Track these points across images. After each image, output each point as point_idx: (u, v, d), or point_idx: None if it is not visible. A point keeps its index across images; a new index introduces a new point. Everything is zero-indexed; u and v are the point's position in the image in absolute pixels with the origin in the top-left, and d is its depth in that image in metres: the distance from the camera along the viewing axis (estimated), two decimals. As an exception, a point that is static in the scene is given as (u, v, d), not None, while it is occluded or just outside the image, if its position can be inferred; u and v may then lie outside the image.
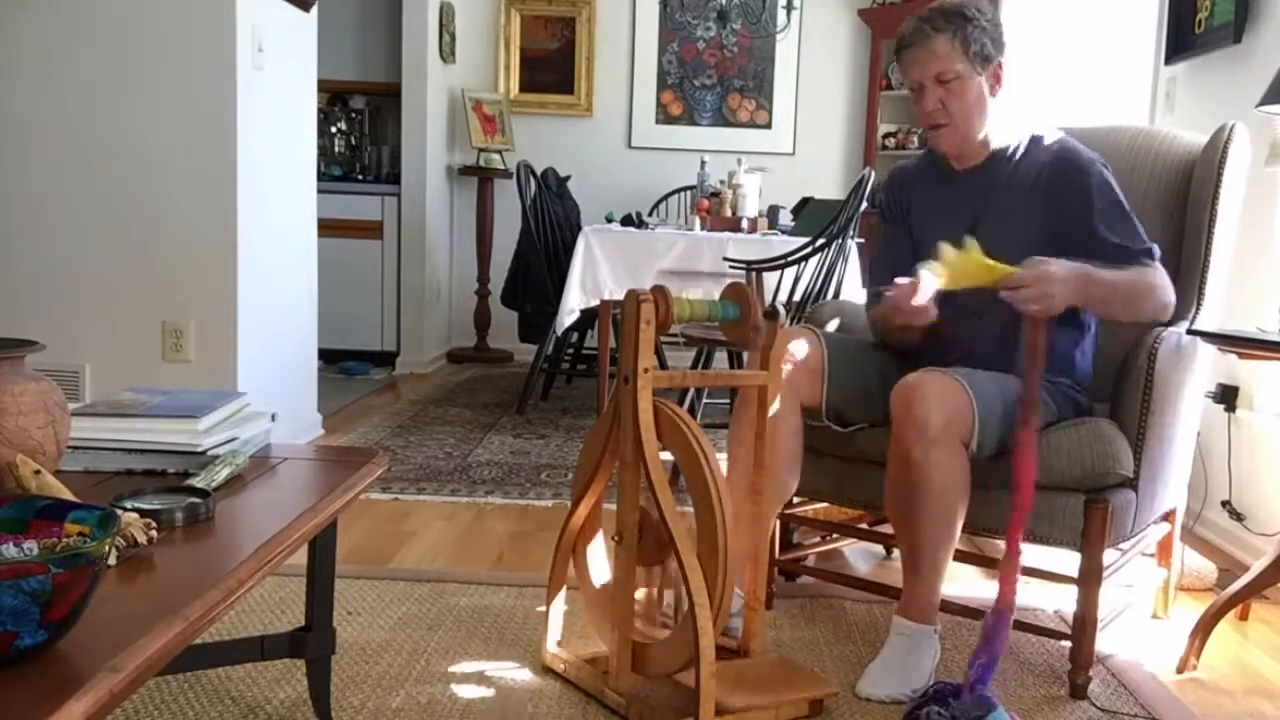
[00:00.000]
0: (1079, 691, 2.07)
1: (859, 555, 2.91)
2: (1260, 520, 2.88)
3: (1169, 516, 2.43)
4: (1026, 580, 2.25)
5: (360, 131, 6.21)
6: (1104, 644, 2.19)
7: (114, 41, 3.23)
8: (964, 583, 2.56)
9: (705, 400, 4.17)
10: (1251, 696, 2.13)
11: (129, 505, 1.38)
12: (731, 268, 4.04)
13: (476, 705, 1.94)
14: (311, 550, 1.74)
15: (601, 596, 2.07)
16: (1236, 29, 3.14)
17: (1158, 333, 2.14)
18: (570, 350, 5.06)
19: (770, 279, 3.99)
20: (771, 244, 4.27)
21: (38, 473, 1.37)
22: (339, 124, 6.13)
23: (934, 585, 2.06)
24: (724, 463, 2.07)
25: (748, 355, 2.08)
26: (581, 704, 1.96)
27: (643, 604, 2.00)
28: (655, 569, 2.00)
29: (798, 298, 3.95)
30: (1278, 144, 2.92)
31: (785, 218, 4.87)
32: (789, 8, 5.25)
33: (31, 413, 1.45)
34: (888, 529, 2.33)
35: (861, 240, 4.39)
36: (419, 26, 5.67)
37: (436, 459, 3.80)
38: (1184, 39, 3.52)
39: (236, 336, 3.31)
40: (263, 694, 1.93)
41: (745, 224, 4.66)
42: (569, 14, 6.25)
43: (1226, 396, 2.99)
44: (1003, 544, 1.98)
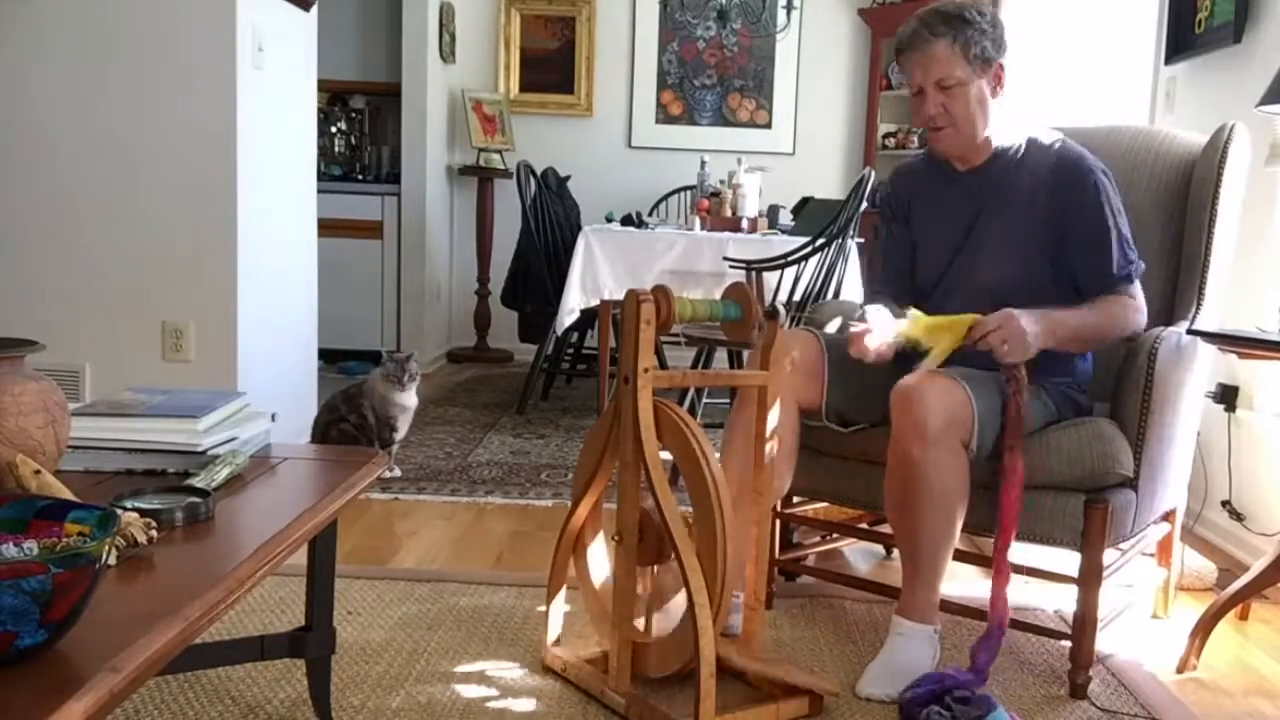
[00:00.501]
0: (1079, 691, 2.06)
1: (859, 555, 2.91)
2: (1260, 520, 2.88)
3: (1169, 516, 2.43)
4: (1026, 580, 2.26)
5: (360, 131, 6.21)
6: (1104, 644, 2.19)
7: (114, 41, 3.22)
8: (964, 583, 2.56)
9: (705, 400, 4.18)
10: (1251, 696, 2.13)
11: (129, 505, 1.39)
12: (731, 267, 4.04)
13: (476, 705, 1.94)
14: (311, 550, 1.74)
15: (601, 596, 2.07)
16: (1236, 29, 3.13)
17: (1158, 332, 2.14)
18: (570, 350, 5.06)
19: (770, 279, 4.00)
20: (771, 244, 4.27)
21: (38, 473, 1.38)
22: (339, 124, 6.13)
23: (933, 585, 2.06)
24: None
25: (748, 355, 2.07)
26: (581, 704, 1.96)
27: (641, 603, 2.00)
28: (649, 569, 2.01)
29: (798, 297, 3.95)
30: (1278, 144, 2.92)
31: (785, 217, 4.86)
32: (789, 7, 5.25)
33: (31, 413, 1.45)
34: (888, 529, 2.33)
35: (861, 240, 4.39)
36: (419, 26, 5.67)
37: (436, 459, 3.79)
38: (1184, 39, 3.52)
39: (236, 336, 3.31)
40: (263, 694, 1.93)
41: (745, 224, 4.66)
42: (569, 14, 6.24)
43: (1226, 396, 2.99)
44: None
